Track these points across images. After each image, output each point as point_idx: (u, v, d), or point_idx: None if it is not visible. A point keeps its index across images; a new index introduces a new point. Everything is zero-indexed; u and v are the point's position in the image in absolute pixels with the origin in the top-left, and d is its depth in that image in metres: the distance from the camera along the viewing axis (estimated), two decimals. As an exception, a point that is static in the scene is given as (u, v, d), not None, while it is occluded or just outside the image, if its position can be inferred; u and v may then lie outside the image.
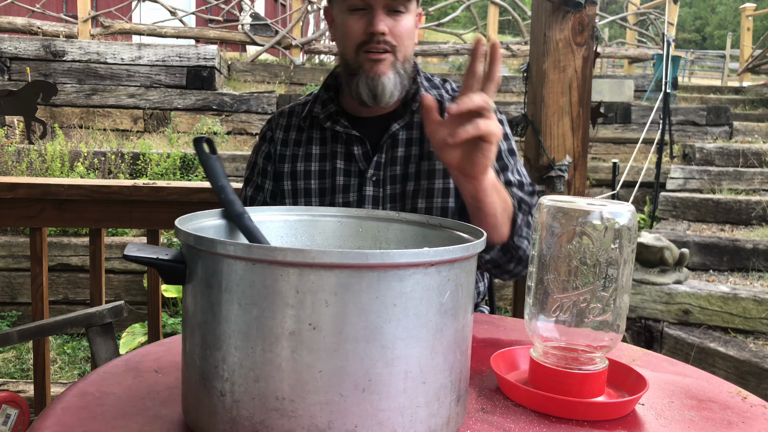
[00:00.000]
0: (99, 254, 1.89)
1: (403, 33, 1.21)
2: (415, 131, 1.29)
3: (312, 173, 1.31)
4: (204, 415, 0.63)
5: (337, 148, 1.30)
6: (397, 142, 1.29)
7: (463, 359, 0.66)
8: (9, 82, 6.10)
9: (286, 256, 0.58)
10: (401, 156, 1.29)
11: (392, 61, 1.21)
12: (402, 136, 1.29)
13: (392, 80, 1.22)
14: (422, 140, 1.28)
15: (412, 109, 1.29)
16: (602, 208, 0.72)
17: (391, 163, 1.28)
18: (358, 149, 1.29)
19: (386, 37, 1.19)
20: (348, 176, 1.29)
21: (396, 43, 1.20)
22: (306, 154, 1.32)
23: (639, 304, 3.17)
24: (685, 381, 0.86)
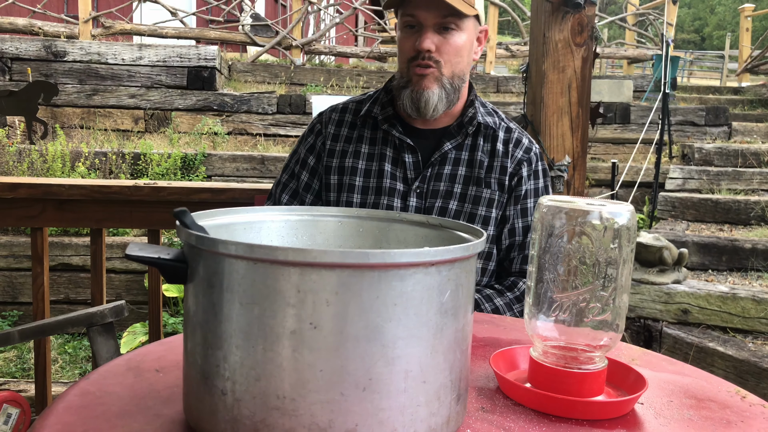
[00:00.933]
0: (100, 254, 1.89)
1: (451, 50, 1.25)
2: (464, 152, 1.34)
3: (358, 171, 1.35)
4: (205, 414, 0.63)
5: (387, 151, 1.34)
6: (446, 159, 1.33)
7: (463, 359, 0.66)
8: (10, 82, 6.10)
9: (288, 255, 0.58)
10: (448, 173, 1.33)
11: (437, 75, 1.26)
12: (452, 155, 1.33)
13: (436, 94, 1.27)
14: (472, 163, 1.33)
15: (467, 131, 1.33)
16: (601, 208, 0.73)
17: (437, 179, 1.33)
18: (409, 158, 1.33)
19: (433, 53, 1.24)
20: (395, 180, 1.33)
21: (441, 59, 1.25)
22: (355, 152, 1.36)
23: (638, 304, 3.17)
24: (684, 380, 0.87)
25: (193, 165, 5.32)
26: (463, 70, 1.30)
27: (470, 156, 1.34)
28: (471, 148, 1.34)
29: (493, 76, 8.11)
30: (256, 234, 0.85)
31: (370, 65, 9.32)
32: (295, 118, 6.26)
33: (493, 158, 1.34)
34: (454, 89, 1.29)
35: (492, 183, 1.33)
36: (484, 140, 1.35)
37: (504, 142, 1.36)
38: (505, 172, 1.34)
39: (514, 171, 1.35)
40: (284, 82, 7.23)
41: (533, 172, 1.37)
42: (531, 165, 1.37)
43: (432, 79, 1.26)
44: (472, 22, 1.27)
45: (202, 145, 5.76)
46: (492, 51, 8.57)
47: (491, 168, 1.34)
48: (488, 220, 1.33)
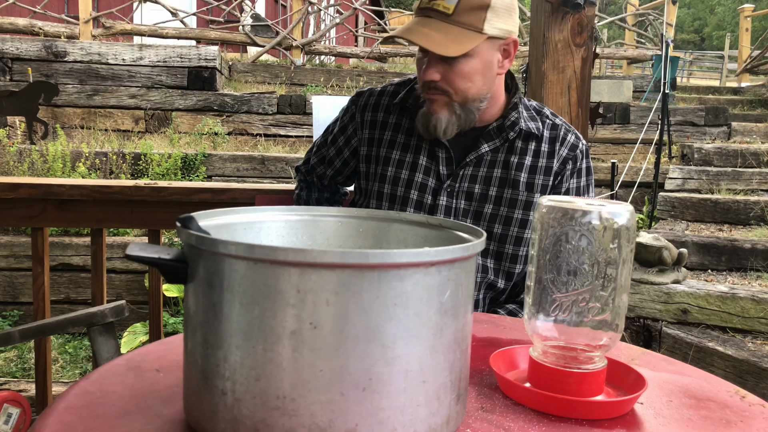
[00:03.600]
0: (100, 254, 1.89)
1: (457, 78, 1.21)
2: (501, 154, 1.30)
3: (391, 160, 1.32)
4: (205, 414, 0.63)
5: (423, 144, 1.32)
6: (482, 161, 1.30)
7: (463, 358, 0.67)
8: (11, 82, 6.10)
9: (288, 255, 0.58)
10: (483, 175, 1.30)
11: (447, 101, 1.23)
12: (488, 157, 1.30)
13: (445, 119, 1.24)
14: (508, 164, 1.29)
15: (507, 137, 1.29)
16: (601, 208, 0.73)
17: (471, 180, 1.29)
18: (442, 153, 1.30)
19: (438, 83, 1.21)
20: (428, 175, 1.31)
21: (450, 89, 1.22)
22: (390, 140, 1.34)
23: (638, 304, 3.17)
24: (683, 380, 0.87)
25: (193, 165, 5.33)
26: (479, 92, 1.24)
27: (506, 157, 1.30)
28: (509, 149, 1.30)
29: (493, 76, 8.10)
30: (256, 234, 0.85)
31: (371, 66, 9.32)
32: (296, 119, 6.26)
33: (537, 159, 1.31)
34: (468, 112, 1.25)
35: (535, 185, 1.29)
36: (525, 141, 1.31)
37: (550, 141, 1.32)
38: (550, 173, 1.31)
39: (559, 170, 1.31)
40: (284, 83, 7.23)
41: (577, 170, 1.34)
42: (576, 162, 1.33)
43: (441, 104, 1.23)
44: (485, 45, 1.21)
45: (202, 146, 5.76)
46: (492, 51, 8.55)
47: (535, 169, 1.30)
48: (525, 224, 1.29)
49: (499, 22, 1.21)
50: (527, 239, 1.30)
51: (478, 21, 1.18)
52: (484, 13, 1.18)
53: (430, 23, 1.18)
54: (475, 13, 1.17)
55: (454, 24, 1.17)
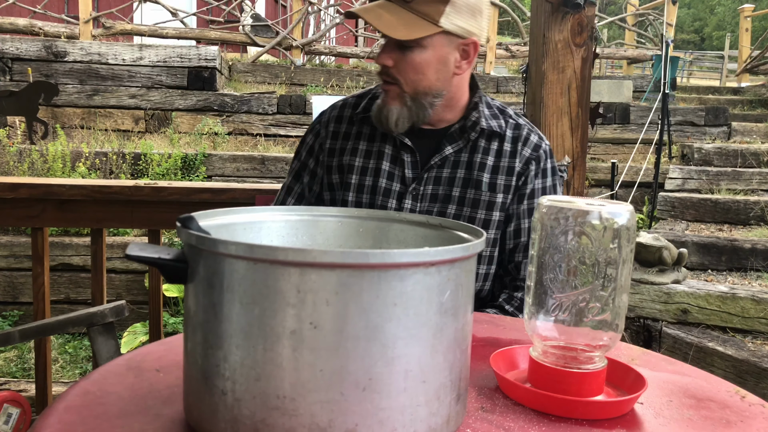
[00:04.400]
0: (100, 254, 1.90)
1: (408, 68, 1.20)
2: (465, 154, 1.30)
3: (355, 168, 1.32)
4: (205, 414, 0.63)
5: (386, 149, 1.31)
6: (446, 162, 1.30)
7: (463, 358, 0.67)
8: (11, 82, 6.10)
9: (288, 255, 0.58)
10: (446, 176, 1.29)
11: (398, 92, 1.22)
12: (452, 158, 1.30)
13: (396, 111, 1.23)
14: (471, 165, 1.29)
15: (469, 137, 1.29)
16: (601, 208, 0.73)
17: (435, 182, 1.29)
18: (408, 157, 1.30)
19: (390, 70, 1.21)
20: (391, 180, 1.30)
21: (401, 78, 1.21)
22: (353, 149, 1.33)
23: (638, 304, 3.17)
24: (683, 380, 0.87)
25: (193, 165, 5.33)
26: (431, 87, 1.23)
27: (470, 158, 1.30)
28: (472, 149, 1.30)
29: (492, 76, 8.11)
30: (256, 234, 0.85)
31: (371, 66, 9.31)
32: (296, 119, 6.27)
33: (499, 159, 1.31)
34: (420, 106, 1.24)
35: (497, 186, 1.29)
36: (489, 141, 1.31)
37: (512, 140, 1.32)
38: (513, 173, 1.30)
39: (521, 170, 1.31)
40: (284, 83, 7.23)
41: (541, 171, 1.33)
42: (539, 163, 1.33)
43: (394, 95, 1.23)
44: (440, 39, 1.19)
45: (202, 146, 5.76)
46: (492, 51, 8.57)
47: (497, 169, 1.30)
48: (489, 224, 1.29)
49: (458, 19, 1.19)
50: (491, 240, 1.30)
51: (435, 12, 1.17)
52: (444, 7, 1.17)
53: (388, 6, 1.18)
54: (433, 5, 1.17)
55: (410, 11, 1.17)
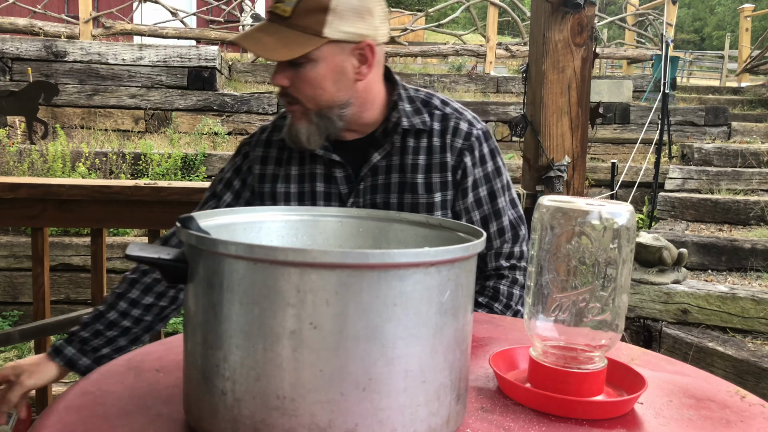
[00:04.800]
0: (100, 254, 1.89)
1: (306, 86, 1.15)
2: (395, 157, 1.24)
3: (291, 195, 1.27)
4: (205, 414, 0.63)
5: (317, 170, 1.26)
6: (377, 169, 1.24)
7: (463, 358, 0.67)
8: (11, 82, 6.10)
9: (288, 255, 0.58)
10: (382, 183, 1.24)
11: (302, 111, 1.17)
12: (382, 164, 1.24)
13: (305, 129, 1.18)
14: (404, 167, 1.23)
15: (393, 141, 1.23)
16: (601, 208, 0.73)
17: (371, 191, 1.24)
18: (340, 172, 1.24)
19: (288, 90, 1.16)
20: (328, 200, 1.26)
21: (300, 97, 1.16)
22: (285, 175, 1.27)
23: (638, 304, 3.17)
24: (683, 380, 0.87)
25: (193, 165, 5.33)
26: (333, 99, 1.17)
27: (401, 161, 1.23)
28: (401, 151, 1.24)
29: (492, 76, 8.12)
30: (256, 234, 0.85)
31: (370, 65, 9.29)
32: (295, 119, 6.26)
33: (430, 156, 1.24)
34: (327, 120, 1.18)
35: (433, 185, 1.24)
36: (417, 139, 1.24)
37: (440, 134, 1.25)
38: (446, 168, 1.24)
39: (456, 163, 1.24)
40: (284, 83, 7.22)
41: (478, 158, 1.26)
42: (474, 151, 1.25)
43: (299, 115, 1.18)
44: (330, 49, 1.13)
45: (202, 146, 5.76)
46: (492, 51, 8.57)
47: (430, 167, 1.24)
48: None
49: (344, 25, 1.13)
50: None
51: (316, 24, 1.11)
52: (324, 16, 1.11)
53: (268, 28, 1.12)
54: (313, 16, 1.11)
55: (291, 27, 1.11)
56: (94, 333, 1.26)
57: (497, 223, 1.28)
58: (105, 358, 1.29)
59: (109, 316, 1.28)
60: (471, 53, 8.93)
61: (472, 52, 8.91)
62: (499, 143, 5.29)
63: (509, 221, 1.29)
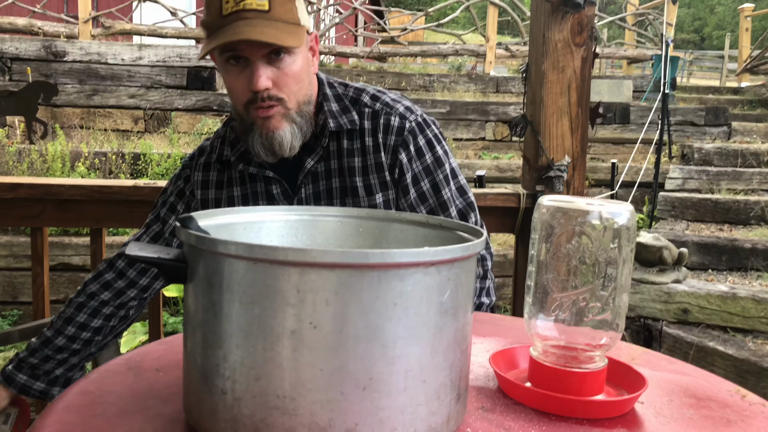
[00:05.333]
0: (100, 254, 1.89)
1: (290, 81, 1.09)
2: (332, 161, 1.19)
3: None
4: (205, 414, 0.63)
5: (257, 188, 1.21)
6: (316, 175, 1.19)
7: (463, 358, 0.67)
8: (10, 82, 6.10)
9: (287, 255, 0.58)
10: (323, 189, 1.20)
11: (283, 113, 1.11)
12: (320, 169, 1.19)
13: (288, 132, 1.11)
14: (342, 171, 1.19)
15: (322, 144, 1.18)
16: (601, 208, 0.73)
17: (314, 199, 1.19)
18: (276, 189, 1.20)
19: (271, 91, 1.08)
20: None
21: (284, 95, 1.09)
22: (228, 198, 1.23)
23: (638, 303, 3.17)
24: (684, 379, 0.87)
25: (192, 165, 5.32)
26: (307, 93, 1.14)
27: (339, 164, 1.19)
28: (337, 154, 1.19)
29: (492, 76, 8.12)
30: (255, 234, 0.85)
31: (370, 65, 9.32)
32: (295, 118, 6.26)
33: (365, 157, 1.19)
34: (305, 119, 1.14)
35: (373, 186, 1.19)
36: (350, 139, 1.19)
37: (372, 132, 1.19)
38: (383, 168, 1.19)
39: (392, 162, 1.19)
40: (284, 82, 7.22)
41: (414, 153, 1.20)
42: (409, 145, 1.19)
43: (279, 117, 1.10)
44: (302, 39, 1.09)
45: (201, 145, 5.75)
46: (492, 51, 8.57)
47: (366, 169, 1.19)
48: None
49: (304, 14, 1.11)
50: None
51: (292, 13, 1.07)
52: (293, 4, 1.08)
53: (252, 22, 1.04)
54: (287, 5, 1.07)
55: (275, 20, 1.05)
56: (44, 359, 1.26)
57: (445, 215, 1.22)
58: (60, 378, 1.28)
59: (57, 341, 1.26)
60: (471, 53, 8.94)
61: (472, 51, 8.91)
62: (498, 143, 5.34)
63: (458, 211, 1.24)
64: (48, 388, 1.26)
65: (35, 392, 1.25)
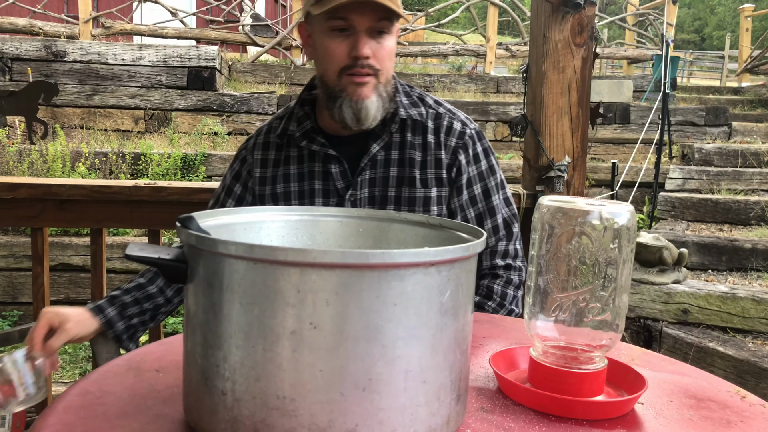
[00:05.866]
0: (100, 254, 1.89)
1: (386, 56, 1.18)
2: (393, 151, 1.26)
3: (291, 194, 1.28)
4: (205, 414, 0.63)
5: (315, 167, 1.27)
6: (376, 162, 1.26)
7: (463, 358, 0.67)
8: (10, 82, 6.10)
9: (288, 255, 0.58)
10: (380, 177, 1.26)
11: (375, 84, 1.18)
12: (381, 157, 1.26)
13: (375, 103, 1.18)
14: (403, 162, 1.25)
15: (391, 130, 1.25)
16: (601, 208, 0.73)
17: (369, 184, 1.25)
18: (335, 168, 1.25)
19: (370, 60, 1.16)
20: (327, 197, 1.26)
21: (380, 66, 1.17)
22: (284, 175, 1.29)
23: (638, 304, 3.17)
24: (684, 380, 0.87)
25: (193, 165, 5.32)
26: (392, 74, 1.23)
27: (400, 155, 1.25)
28: (400, 146, 1.26)
29: (493, 76, 8.11)
30: (256, 234, 0.85)
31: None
32: (295, 118, 6.26)
33: (426, 152, 1.26)
34: (389, 96, 1.22)
35: (429, 180, 1.26)
36: (413, 134, 1.27)
37: (434, 132, 1.27)
38: (441, 165, 1.26)
39: (450, 161, 1.27)
40: (284, 83, 7.23)
41: (472, 157, 1.29)
42: (468, 150, 1.28)
43: (371, 87, 1.18)
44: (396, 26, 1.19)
45: (202, 146, 5.76)
46: (492, 51, 8.57)
47: (425, 164, 1.26)
48: None
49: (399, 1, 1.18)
50: None
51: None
52: None
53: None
54: None
55: None
56: (134, 301, 1.28)
57: (492, 221, 1.29)
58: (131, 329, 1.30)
59: (149, 289, 1.30)
60: (471, 53, 8.94)
61: (472, 52, 8.91)
62: (499, 143, 5.35)
63: (503, 219, 1.30)
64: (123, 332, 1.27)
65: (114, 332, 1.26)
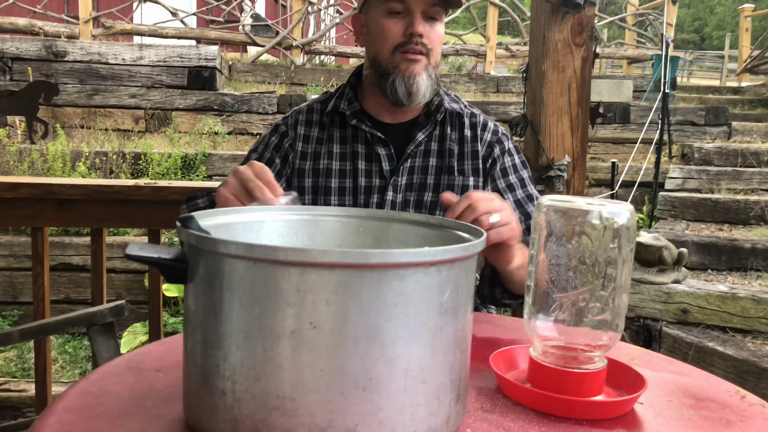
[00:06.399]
0: (100, 254, 1.89)
1: (436, 39, 1.27)
2: (434, 143, 1.33)
3: (333, 172, 1.33)
4: (205, 414, 0.63)
5: (359, 148, 1.33)
6: (417, 152, 1.33)
7: (462, 358, 0.67)
8: (11, 82, 6.10)
9: (288, 255, 0.58)
10: (420, 165, 1.33)
11: (426, 63, 1.26)
12: (422, 147, 1.33)
13: (425, 81, 1.26)
14: (442, 152, 1.33)
15: (436, 119, 1.33)
16: (601, 208, 0.73)
17: (410, 172, 1.32)
18: (382, 150, 1.32)
19: (423, 39, 1.24)
20: (370, 177, 1.32)
21: (431, 47, 1.26)
22: (328, 152, 1.34)
23: (638, 304, 3.17)
24: (683, 380, 0.87)
25: (193, 165, 5.32)
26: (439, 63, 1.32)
27: (440, 146, 1.34)
28: (440, 138, 1.34)
29: (493, 76, 8.11)
30: (256, 234, 0.85)
31: (370, 65, 9.28)
32: (295, 118, 6.26)
33: (462, 145, 1.35)
34: (435, 80, 1.29)
35: (465, 170, 1.34)
36: (452, 128, 1.36)
37: (471, 127, 1.36)
38: (477, 156, 1.35)
39: (486, 154, 1.36)
40: (285, 82, 7.23)
41: (507, 150, 1.38)
42: (503, 144, 1.38)
43: (422, 66, 1.26)
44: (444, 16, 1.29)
45: (202, 145, 5.76)
46: (492, 51, 8.56)
47: (462, 155, 1.35)
48: None
49: None
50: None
51: None
52: None
53: None
54: None
55: None
56: None
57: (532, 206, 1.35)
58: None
59: None
60: (471, 53, 8.93)
61: (472, 51, 8.91)
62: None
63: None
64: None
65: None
